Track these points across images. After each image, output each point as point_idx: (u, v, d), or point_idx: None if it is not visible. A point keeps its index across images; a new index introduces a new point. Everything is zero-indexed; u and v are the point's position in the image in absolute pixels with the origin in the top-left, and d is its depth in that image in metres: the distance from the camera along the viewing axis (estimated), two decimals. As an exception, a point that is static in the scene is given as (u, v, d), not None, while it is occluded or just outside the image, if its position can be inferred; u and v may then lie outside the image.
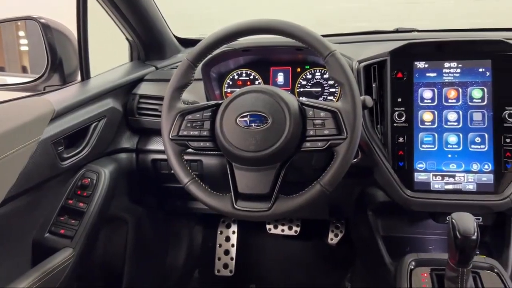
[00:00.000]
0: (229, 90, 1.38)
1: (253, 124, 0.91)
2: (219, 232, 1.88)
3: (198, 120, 0.97)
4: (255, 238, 1.91)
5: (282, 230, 1.83)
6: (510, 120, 1.03)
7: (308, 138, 0.92)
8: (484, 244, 1.22)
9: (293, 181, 0.97)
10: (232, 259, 1.85)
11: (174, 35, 1.58)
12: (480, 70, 1.08)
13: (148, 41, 1.50)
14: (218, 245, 1.86)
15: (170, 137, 0.98)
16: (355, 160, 1.08)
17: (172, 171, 0.98)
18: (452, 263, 0.88)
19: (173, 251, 1.78)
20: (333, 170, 0.88)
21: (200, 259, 1.89)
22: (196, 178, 0.97)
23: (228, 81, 1.38)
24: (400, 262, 1.05)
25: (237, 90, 0.97)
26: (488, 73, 1.07)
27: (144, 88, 1.36)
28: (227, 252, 1.86)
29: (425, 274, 1.00)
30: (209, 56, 1.06)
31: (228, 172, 0.95)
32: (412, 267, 1.02)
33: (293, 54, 1.32)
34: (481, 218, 1.12)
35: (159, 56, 1.54)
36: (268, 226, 1.84)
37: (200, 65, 1.06)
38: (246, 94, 0.95)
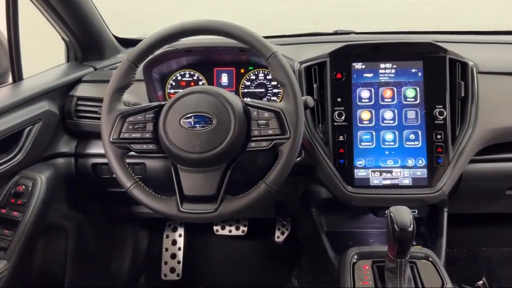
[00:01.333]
0: (172, 91, 1.36)
1: (197, 125, 0.91)
2: (165, 236, 1.85)
3: (140, 122, 0.95)
4: (203, 240, 1.89)
5: (230, 231, 1.83)
6: (440, 117, 1.10)
7: (253, 138, 0.93)
8: (420, 235, 1.30)
9: (239, 181, 0.97)
10: (179, 262, 1.82)
11: (113, 35, 1.53)
12: (413, 70, 1.14)
13: (86, 41, 1.44)
14: (164, 249, 1.83)
15: (111, 140, 0.95)
16: (298, 158, 1.11)
17: (114, 175, 0.96)
18: (391, 255, 0.92)
19: (118, 258, 1.72)
20: (278, 169, 0.90)
21: (146, 264, 1.85)
22: (140, 182, 0.95)
23: (171, 82, 1.36)
24: (343, 256, 1.09)
25: (181, 91, 0.96)
26: (420, 74, 1.13)
27: (82, 90, 1.31)
28: (173, 256, 1.83)
29: (367, 267, 1.04)
30: (151, 56, 1.04)
31: (173, 174, 0.94)
32: (355, 260, 1.06)
33: (237, 55, 1.33)
34: (416, 210, 1.19)
35: (97, 57, 1.48)
36: (215, 227, 1.84)
37: (141, 66, 1.04)
38: (190, 95, 0.94)
